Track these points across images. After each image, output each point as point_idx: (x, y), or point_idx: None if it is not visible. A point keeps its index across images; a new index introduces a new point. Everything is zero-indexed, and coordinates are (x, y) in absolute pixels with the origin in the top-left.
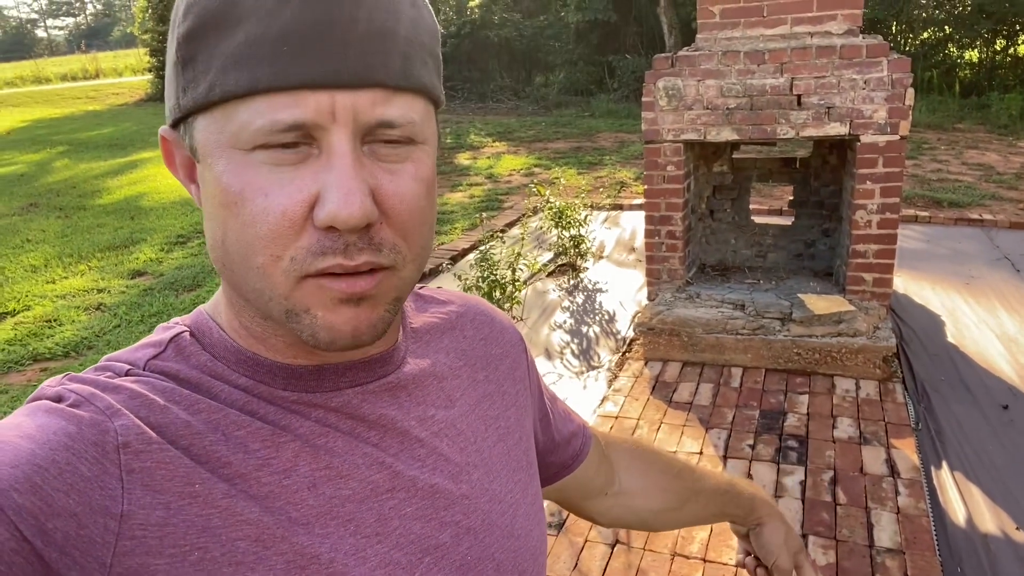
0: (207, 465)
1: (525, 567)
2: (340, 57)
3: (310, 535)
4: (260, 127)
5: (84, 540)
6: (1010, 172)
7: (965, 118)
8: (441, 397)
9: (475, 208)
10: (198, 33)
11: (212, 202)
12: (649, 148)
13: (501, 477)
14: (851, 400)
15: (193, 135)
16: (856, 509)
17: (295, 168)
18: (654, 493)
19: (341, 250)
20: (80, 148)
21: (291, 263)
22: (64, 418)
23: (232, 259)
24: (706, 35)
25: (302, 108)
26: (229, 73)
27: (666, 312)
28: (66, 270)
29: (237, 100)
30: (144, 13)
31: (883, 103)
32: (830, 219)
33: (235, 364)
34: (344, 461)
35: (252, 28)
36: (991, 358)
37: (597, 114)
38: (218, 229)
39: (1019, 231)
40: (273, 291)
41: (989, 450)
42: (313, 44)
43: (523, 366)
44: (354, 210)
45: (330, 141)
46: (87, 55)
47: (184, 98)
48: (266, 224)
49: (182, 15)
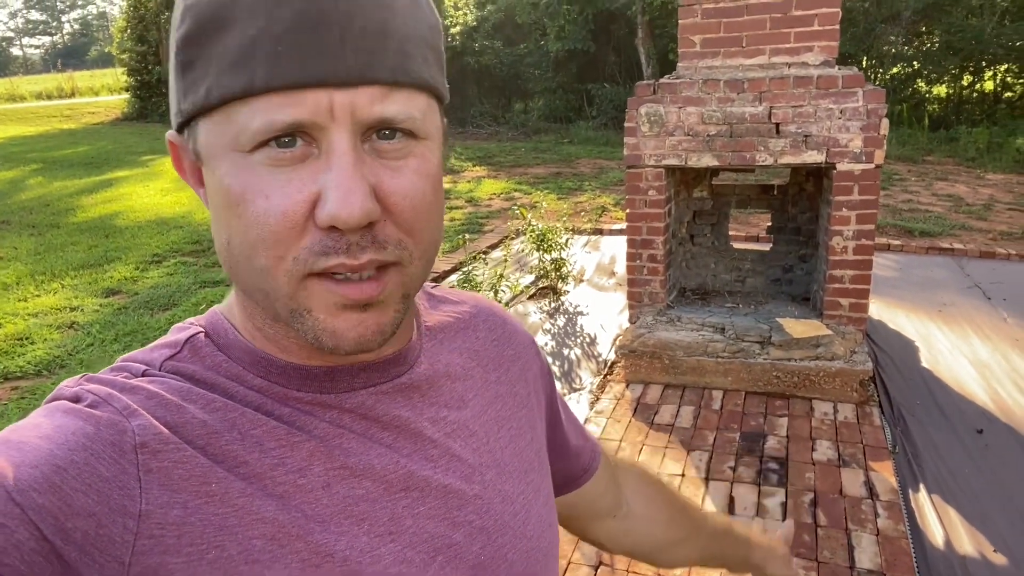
0: (223, 464)
1: (537, 568)
2: (337, 55)
3: (326, 533)
4: (258, 128)
5: (103, 539)
6: (978, 203)
7: (934, 151)
8: (454, 398)
9: (456, 231)
10: (195, 37)
11: (217, 205)
12: (631, 172)
13: (513, 478)
14: (829, 423)
15: (196, 139)
16: (837, 531)
17: (295, 169)
18: (660, 522)
19: (344, 249)
20: (54, 166)
21: (294, 263)
22: (82, 418)
23: (238, 261)
24: (687, 63)
25: (299, 108)
26: (226, 75)
27: (647, 335)
28: (38, 288)
29: (236, 102)
30: (123, 33)
31: (859, 132)
32: (807, 245)
33: (250, 365)
34: (358, 461)
35: (247, 29)
36: (965, 383)
37: (576, 141)
38: (223, 232)
39: (989, 260)
40: (277, 292)
41: (965, 473)
42: (309, 43)
43: (534, 369)
44: (354, 209)
45: (329, 140)
46: (63, 74)
47: (185, 102)
48: (267, 226)
49: (179, 19)
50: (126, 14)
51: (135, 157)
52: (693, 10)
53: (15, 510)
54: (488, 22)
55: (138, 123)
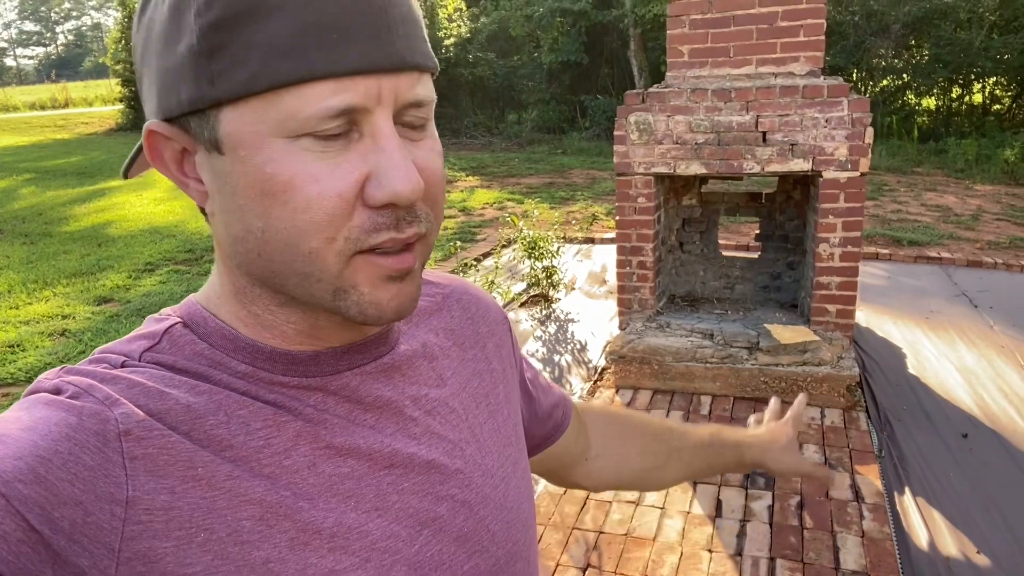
0: (209, 448)
1: (517, 537)
2: (387, 42)
3: (313, 510)
4: (312, 114)
5: (91, 527)
6: (967, 213)
7: (923, 162)
8: (433, 376)
9: (448, 239)
10: (229, 22)
11: (246, 193)
12: (621, 180)
13: (492, 452)
14: (816, 427)
15: (216, 126)
16: (822, 533)
17: (341, 152)
18: (632, 456)
19: (393, 225)
20: (47, 176)
21: (345, 243)
22: (64, 409)
23: (272, 248)
24: (675, 73)
25: (352, 93)
26: (276, 61)
27: (637, 341)
28: (30, 296)
29: (282, 88)
30: (117, 44)
31: (844, 141)
32: (795, 252)
33: (233, 351)
34: (343, 440)
35: (297, 16)
36: (951, 389)
37: (569, 151)
38: (256, 220)
39: (976, 269)
40: (324, 272)
41: (950, 477)
42: (361, 30)
43: (508, 344)
44: (414, 186)
45: (374, 123)
46: (57, 84)
47: (212, 88)
48: (322, 209)
49: (204, 4)
50: (120, 25)
51: (143, 133)
52: (681, 21)
53: (0, 502)
54: (482, 34)
55: (132, 133)
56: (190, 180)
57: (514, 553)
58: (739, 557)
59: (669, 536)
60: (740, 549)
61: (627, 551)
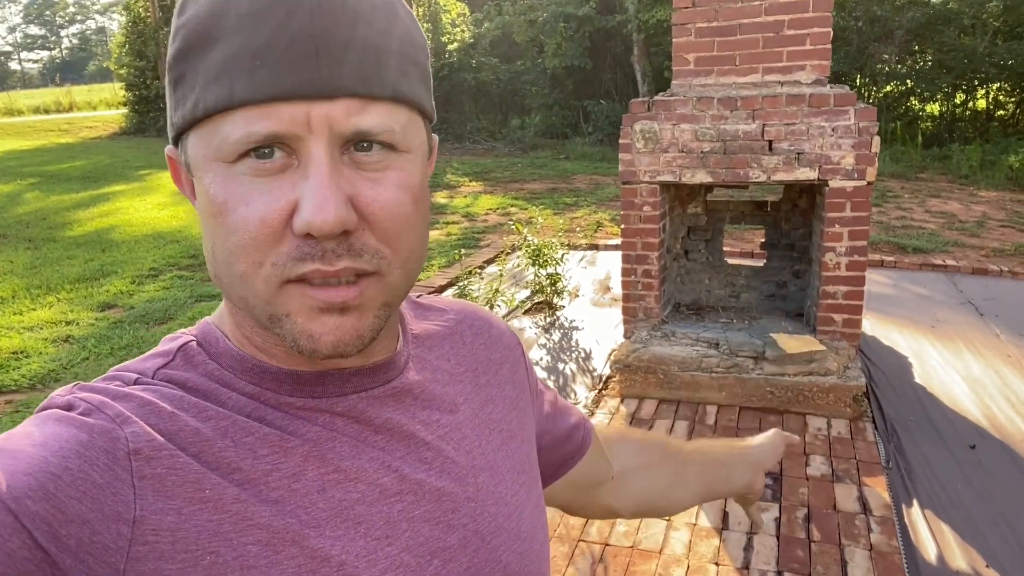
0: (217, 471)
1: (531, 568)
2: (311, 68)
3: (321, 537)
4: (238, 139)
5: (98, 546)
6: (971, 220)
7: (927, 168)
8: (445, 402)
9: (452, 246)
10: (185, 53)
11: (203, 214)
12: (626, 188)
13: (506, 480)
14: (823, 438)
15: (187, 151)
16: (830, 546)
17: (275, 178)
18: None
19: (319, 256)
20: (51, 180)
21: (272, 269)
22: (75, 426)
23: (221, 268)
24: (681, 81)
25: (276, 120)
26: (210, 89)
27: (642, 350)
28: (34, 302)
29: (218, 115)
30: (121, 48)
31: (850, 150)
32: (800, 261)
33: (241, 372)
34: (352, 465)
35: (229, 45)
36: (958, 399)
37: (572, 157)
38: (208, 240)
39: (982, 276)
40: (256, 298)
41: (958, 489)
42: (286, 57)
43: (522, 369)
44: (328, 216)
45: (308, 151)
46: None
47: (175, 116)
48: (247, 232)
49: (172, 37)
50: (125, 29)
51: (132, 171)
52: (687, 29)
53: (8, 518)
54: (485, 39)
55: (136, 137)
56: (195, 200)
57: None
58: (746, 571)
59: (675, 549)
60: (747, 562)
61: (633, 564)
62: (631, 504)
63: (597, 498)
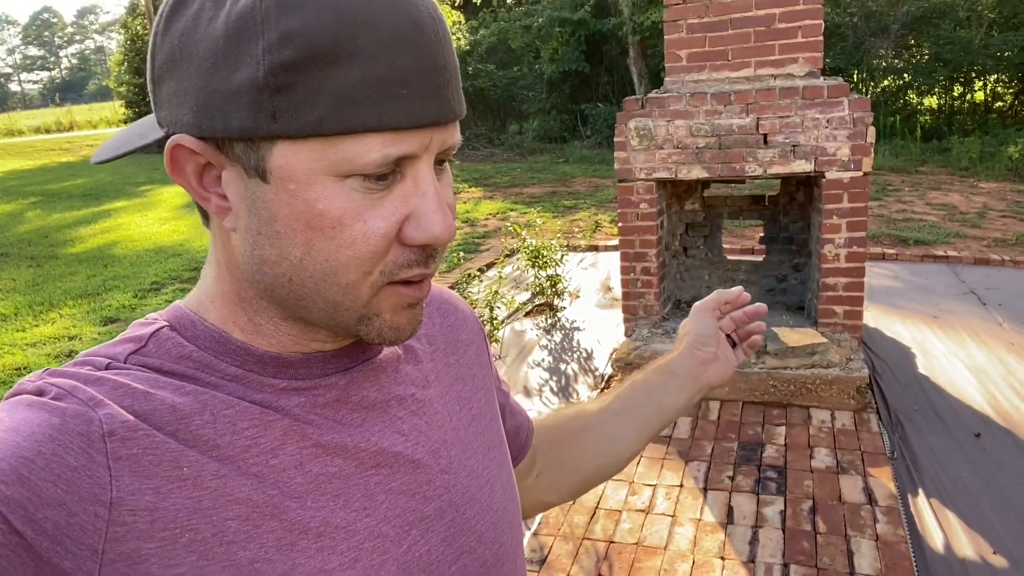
0: (195, 448)
1: (504, 539)
2: (445, 98)
3: (301, 510)
4: (370, 160)
5: (75, 528)
6: (972, 211)
7: (927, 161)
8: (418, 378)
9: (452, 250)
10: (301, 64)
11: (288, 223)
12: (622, 186)
13: (477, 454)
14: (827, 430)
15: (267, 156)
16: (836, 537)
17: (385, 194)
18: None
19: (423, 261)
20: (53, 199)
21: (379, 276)
22: (47, 411)
23: (307, 275)
24: (674, 78)
25: (409, 144)
26: (346, 109)
27: (643, 347)
28: (37, 318)
29: (347, 135)
30: (120, 66)
31: (846, 141)
32: (800, 254)
33: (223, 354)
34: (330, 439)
35: (366, 69)
36: (962, 388)
37: (571, 160)
38: (294, 248)
39: (984, 267)
40: (355, 302)
41: (963, 477)
42: (424, 86)
43: (486, 354)
44: (451, 231)
45: (418, 168)
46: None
47: (272, 123)
48: (367, 245)
49: (277, 41)
50: (123, 47)
51: (133, 187)
52: (678, 25)
53: None
54: (482, 46)
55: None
56: (211, 194)
57: (501, 555)
58: (752, 564)
59: (680, 544)
60: (753, 556)
61: (638, 560)
62: (566, 491)
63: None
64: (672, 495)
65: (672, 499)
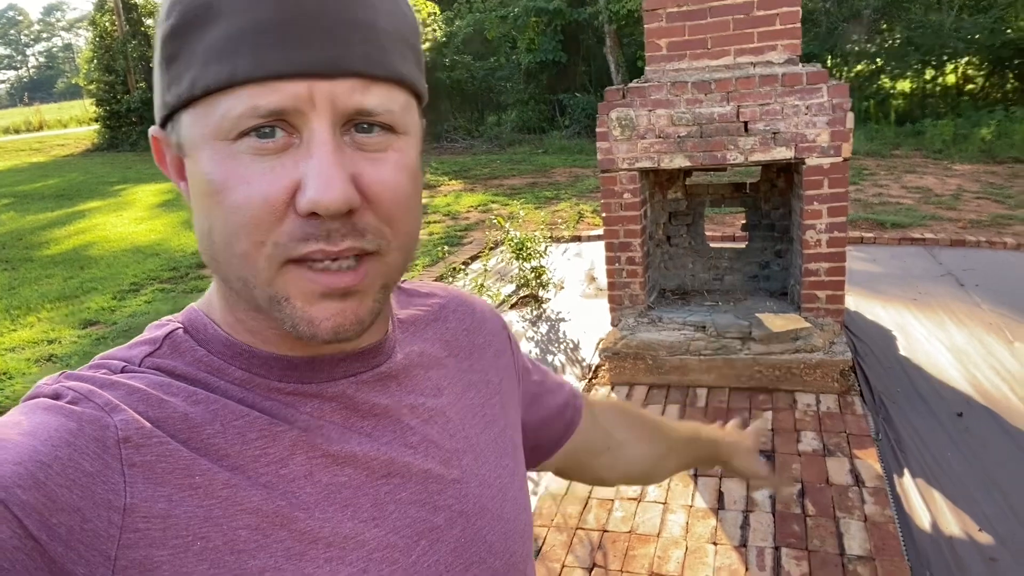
0: (207, 456)
1: (514, 549)
2: (317, 47)
3: (310, 520)
4: (241, 113)
5: (88, 534)
6: (947, 193)
7: (902, 144)
8: (429, 386)
9: (435, 244)
10: (180, 31)
11: (198, 194)
12: (605, 177)
13: (489, 463)
14: (812, 414)
15: (180, 131)
16: (825, 519)
17: (277, 157)
18: (643, 442)
19: (323, 236)
20: (25, 200)
21: (274, 248)
22: (64, 415)
23: (218, 249)
24: (654, 67)
25: (280, 95)
26: (210, 66)
27: (630, 336)
28: (14, 323)
29: (219, 92)
30: (89, 64)
31: (825, 127)
32: (782, 241)
33: (230, 358)
34: (340, 449)
35: (231, 22)
36: (943, 369)
37: (550, 151)
38: (204, 220)
39: (960, 248)
40: (256, 277)
41: (948, 456)
42: (290, 35)
43: (507, 353)
44: (335, 195)
45: (310, 129)
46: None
47: (168, 95)
48: (249, 211)
49: (165, 14)
50: (92, 44)
51: (106, 187)
52: (658, 15)
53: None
54: (457, 37)
55: (108, 153)
56: (182, 183)
57: (511, 564)
58: (744, 548)
59: (673, 531)
60: (744, 540)
61: (632, 548)
62: (620, 476)
63: (588, 468)
64: (663, 482)
65: (663, 486)
